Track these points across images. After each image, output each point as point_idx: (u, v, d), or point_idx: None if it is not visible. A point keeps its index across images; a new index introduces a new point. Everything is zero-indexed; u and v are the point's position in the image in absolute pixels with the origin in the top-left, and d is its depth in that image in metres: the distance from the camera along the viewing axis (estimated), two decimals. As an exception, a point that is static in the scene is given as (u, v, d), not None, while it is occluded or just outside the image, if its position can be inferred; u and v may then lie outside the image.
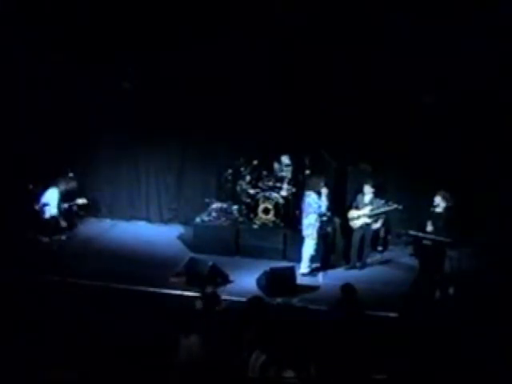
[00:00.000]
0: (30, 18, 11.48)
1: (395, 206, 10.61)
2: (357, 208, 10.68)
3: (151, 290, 9.46)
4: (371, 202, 10.59)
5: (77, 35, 11.62)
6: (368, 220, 10.61)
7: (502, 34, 10.20)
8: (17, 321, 7.65)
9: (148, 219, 12.88)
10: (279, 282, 9.54)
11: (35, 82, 12.02)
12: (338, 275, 10.33)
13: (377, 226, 10.95)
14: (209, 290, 8.10)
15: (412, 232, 9.81)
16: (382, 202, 10.68)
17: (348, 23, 10.79)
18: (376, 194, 10.69)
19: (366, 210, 10.56)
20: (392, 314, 8.62)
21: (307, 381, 5.77)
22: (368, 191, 10.59)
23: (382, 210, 10.64)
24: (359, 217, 10.62)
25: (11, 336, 7.21)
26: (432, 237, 9.46)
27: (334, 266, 10.78)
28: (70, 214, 11.61)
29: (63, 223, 11.42)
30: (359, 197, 10.72)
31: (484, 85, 10.52)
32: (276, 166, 11.74)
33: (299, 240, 10.47)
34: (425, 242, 9.57)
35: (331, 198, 10.75)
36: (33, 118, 12.09)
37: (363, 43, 10.89)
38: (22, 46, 11.69)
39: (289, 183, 11.49)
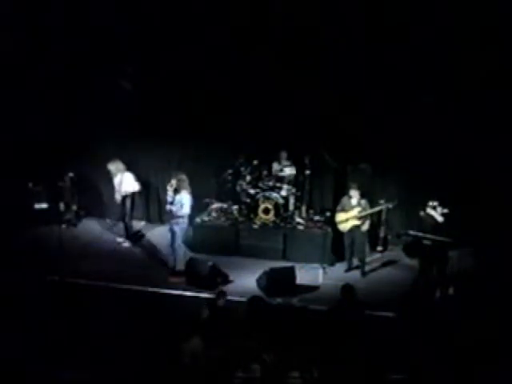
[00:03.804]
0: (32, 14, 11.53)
1: (386, 204, 10.59)
2: (343, 211, 10.59)
3: (151, 289, 9.46)
4: (359, 204, 10.45)
5: (77, 34, 11.64)
6: (358, 222, 10.44)
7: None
8: (17, 320, 7.66)
9: (148, 219, 12.88)
10: (279, 281, 9.54)
11: (34, 82, 12.02)
12: (338, 275, 10.34)
13: (365, 227, 10.52)
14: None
15: (412, 232, 9.81)
16: (380, 202, 10.65)
17: (348, 23, 10.80)
18: (362, 195, 10.52)
19: (355, 212, 10.44)
20: (392, 314, 8.62)
21: (310, 381, 5.77)
22: (354, 194, 10.45)
23: (374, 209, 10.59)
24: (348, 219, 10.50)
25: (11, 335, 7.22)
26: (432, 237, 9.45)
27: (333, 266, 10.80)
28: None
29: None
30: (344, 200, 10.59)
31: (481, 84, 10.52)
32: (275, 166, 11.76)
33: (299, 240, 10.47)
34: (425, 241, 9.58)
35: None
36: (32, 118, 12.07)
37: (363, 43, 10.88)
38: (24, 44, 11.71)
39: (289, 183, 11.51)
